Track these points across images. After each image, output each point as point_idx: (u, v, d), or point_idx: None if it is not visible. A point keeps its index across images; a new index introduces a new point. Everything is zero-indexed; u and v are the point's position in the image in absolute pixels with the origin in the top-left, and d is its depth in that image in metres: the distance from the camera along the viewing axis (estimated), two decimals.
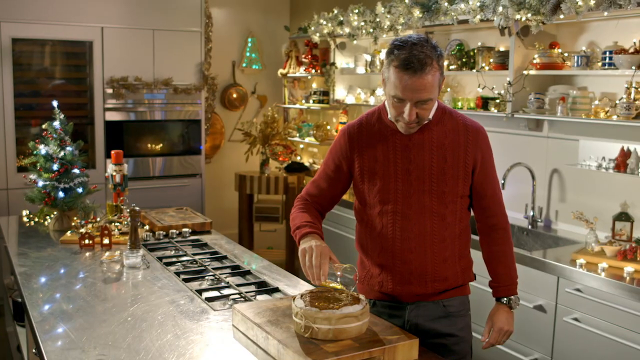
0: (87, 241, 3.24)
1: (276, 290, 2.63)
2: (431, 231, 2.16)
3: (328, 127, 5.96)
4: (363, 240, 2.31)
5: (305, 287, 2.65)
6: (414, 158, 2.15)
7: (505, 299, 2.30)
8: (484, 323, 3.52)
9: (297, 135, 6.24)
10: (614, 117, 3.38)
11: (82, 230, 3.37)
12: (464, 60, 4.36)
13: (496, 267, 2.30)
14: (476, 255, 2.37)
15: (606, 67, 3.45)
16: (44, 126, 3.71)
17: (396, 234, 2.18)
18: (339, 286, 2.07)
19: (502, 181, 3.87)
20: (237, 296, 2.54)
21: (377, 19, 4.70)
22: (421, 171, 2.15)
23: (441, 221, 2.17)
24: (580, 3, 3.20)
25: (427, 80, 1.99)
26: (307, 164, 6.22)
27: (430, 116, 2.14)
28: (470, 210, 2.30)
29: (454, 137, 2.16)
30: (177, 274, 2.81)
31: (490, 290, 2.33)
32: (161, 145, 5.82)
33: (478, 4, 3.78)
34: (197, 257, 3.07)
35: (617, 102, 3.36)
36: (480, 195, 2.23)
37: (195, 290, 2.58)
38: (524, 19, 3.53)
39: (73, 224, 3.55)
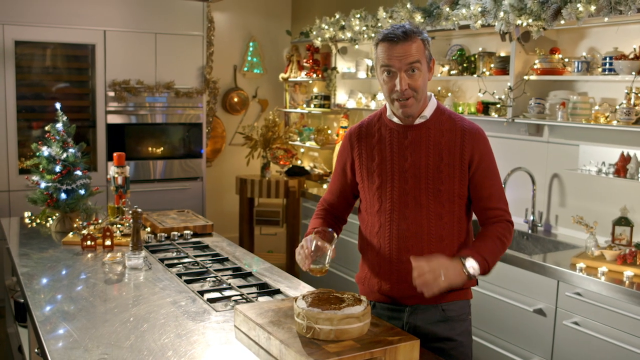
0: (89, 242, 3.26)
1: (277, 292, 2.64)
2: (428, 230, 2.17)
3: (329, 132, 5.98)
4: (364, 241, 2.34)
5: (306, 288, 2.66)
6: (409, 156, 2.18)
7: (463, 258, 2.11)
8: (483, 327, 3.54)
9: (298, 139, 6.26)
10: (614, 123, 3.39)
11: (84, 231, 3.38)
12: (464, 65, 4.38)
13: (475, 240, 2.20)
14: None
15: (606, 72, 3.46)
16: (46, 128, 3.73)
17: (393, 232, 2.20)
18: (318, 266, 2.15)
19: (503, 186, 3.88)
20: (239, 297, 2.55)
21: (379, 24, 4.73)
22: (417, 169, 2.17)
23: (438, 220, 2.18)
24: (581, 9, 3.22)
25: (412, 47, 2.09)
26: (307, 168, 6.24)
27: (428, 115, 2.20)
28: (473, 215, 2.29)
29: (450, 137, 2.18)
30: (179, 275, 2.82)
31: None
32: (162, 148, 5.83)
33: (479, 9, 3.80)
34: (198, 259, 3.08)
35: (617, 107, 3.38)
36: (479, 195, 2.21)
37: (197, 292, 2.59)
38: (524, 24, 3.55)
39: (75, 225, 3.56)
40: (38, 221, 3.84)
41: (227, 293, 2.60)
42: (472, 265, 2.09)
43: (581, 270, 3.11)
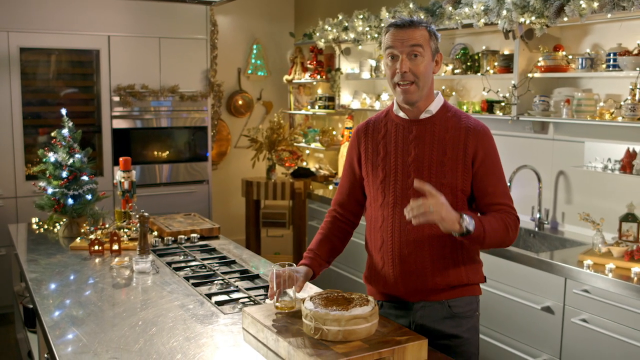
0: (96, 247, 3.27)
1: (285, 293, 2.64)
2: (430, 224, 2.15)
3: (334, 133, 5.99)
4: (368, 237, 2.35)
5: (314, 290, 2.67)
6: (413, 150, 2.21)
7: (464, 213, 2.05)
8: (492, 326, 3.54)
9: (303, 140, 6.26)
10: (619, 119, 3.39)
11: (92, 236, 3.40)
12: (468, 64, 4.38)
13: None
14: (485, 257, 2.38)
15: (610, 68, 3.46)
16: (53, 134, 3.75)
17: (395, 225, 2.22)
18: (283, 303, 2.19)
19: (509, 184, 3.88)
20: (246, 300, 2.56)
21: (382, 24, 4.73)
22: (420, 163, 2.19)
23: None
24: (583, 5, 3.22)
25: (416, 33, 2.15)
26: (313, 169, 6.24)
27: (434, 110, 2.22)
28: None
29: (454, 133, 2.19)
30: (187, 278, 2.83)
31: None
32: (168, 152, 5.85)
33: (482, 7, 3.80)
34: (205, 262, 3.09)
35: (622, 103, 3.37)
36: (484, 192, 2.19)
37: (205, 295, 2.60)
38: (528, 22, 3.55)
39: (82, 230, 3.58)
40: (45, 227, 3.85)
41: (234, 295, 2.61)
42: (469, 221, 2.02)
43: (588, 267, 3.10)
